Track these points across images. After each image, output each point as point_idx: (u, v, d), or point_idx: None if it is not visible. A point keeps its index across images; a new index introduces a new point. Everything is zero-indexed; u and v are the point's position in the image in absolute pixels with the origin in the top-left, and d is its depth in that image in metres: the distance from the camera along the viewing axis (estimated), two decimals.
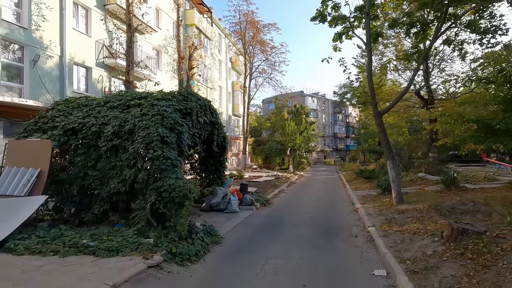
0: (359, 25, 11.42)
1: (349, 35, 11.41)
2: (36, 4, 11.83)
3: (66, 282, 3.60)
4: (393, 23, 10.83)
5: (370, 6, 10.07)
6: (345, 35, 11.38)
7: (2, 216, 5.20)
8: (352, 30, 11.26)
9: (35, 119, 7.64)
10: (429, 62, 17.34)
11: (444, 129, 12.27)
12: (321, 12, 10.55)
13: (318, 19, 10.75)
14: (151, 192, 5.85)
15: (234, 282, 4.19)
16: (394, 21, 10.82)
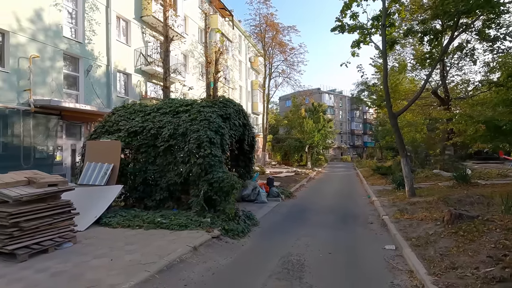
0: (376, 32, 12.41)
1: (367, 41, 12.43)
2: (88, 21, 13.58)
3: (161, 243, 5.09)
4: (407, 31, 11.72)
5: (386, 18, 11.06)
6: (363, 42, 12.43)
7: (94, 200, 6.81)
8: (369, 36, 12.27)
9: (102, 123, 9.31)
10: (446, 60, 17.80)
11: (457, 128, 13.04)
12: (340, 24, 11.61)
13: (338, 30, 11.84)
14: (203, 183, 7.30)
15: (277, 249, 5.54)
16: (409, 30, 11.70)
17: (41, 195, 4.74)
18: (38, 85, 11.19)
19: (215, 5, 25.81)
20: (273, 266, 4.68)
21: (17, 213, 4.38)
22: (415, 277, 4.26)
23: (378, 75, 22.25)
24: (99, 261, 4.29)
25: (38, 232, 4.66)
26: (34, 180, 4.84)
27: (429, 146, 20.62)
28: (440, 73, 17.86)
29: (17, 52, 10.62)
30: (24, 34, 10.81)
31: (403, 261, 5.00)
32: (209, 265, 4.58)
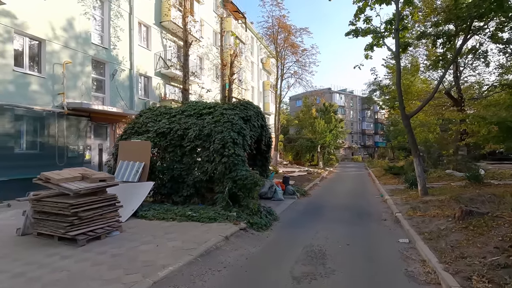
0: (389, 35, 12.76)
1: (380, 44, 12.79)
2: (113, 28, 14.41)
3: (196, 233, 5.71)
4: (420, 35, 12.03)
5: (399, 22, 11.41)
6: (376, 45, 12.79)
7: (130, 195, 7.49)
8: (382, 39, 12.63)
9: (132, 124, 10.06)
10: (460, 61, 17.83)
11: (471, 129, 13.25)
12: (354, 29, 12.02)
13: (352, 34, 12.25)
14: (228, 180, 7.91)
15: (299, 241, 6.07)
16: (422, 33, 12.01)
17: (94, 189, 5.42)
18: (70, 89, 12.05)
19: (229, 8, 26.45)
20: (298, 254, 5.22)
21: (77, 204, 5.07)
22: (427, 265, 4.72)
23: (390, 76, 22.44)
24: (147, 247, 4.94)
25: (92, 221, 5.35)
26: (87, 176, 5.54)
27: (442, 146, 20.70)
28: (454, 74, 17.94)
29: (52, 59, 11.49)
30: (58, 41, 11.67)
31: (416, 252, 5.46)
32: (241, 252, 5.16)
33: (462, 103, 16.81)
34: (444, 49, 12.12)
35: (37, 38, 11.06)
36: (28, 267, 4.02)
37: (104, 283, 3.56)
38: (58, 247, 4.87)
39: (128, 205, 7.21)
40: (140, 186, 7.96)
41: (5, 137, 9.87)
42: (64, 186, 5.07)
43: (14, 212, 7.67)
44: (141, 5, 15.98)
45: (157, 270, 3.95)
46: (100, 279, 3.67)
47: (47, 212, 5.26)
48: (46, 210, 5.25)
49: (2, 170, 9.70)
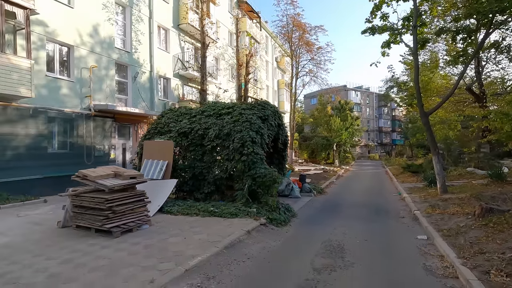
0: (407, 31, 12.63)
1: (397, 41, 12.71)
2: (135, 32, 15.03)
3: (220, 227, 6.05)
4: (439, 31, 11.84)
5: (417, 18, 11.30)
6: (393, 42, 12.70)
7: (156, 192, 7.93)
8: (400, 36, 12.53)
9: (155, 125, 10.55)
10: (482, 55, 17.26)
11: (493, 126, 12.91)
12: (371, 27, 12.01)
13: (368, 32, 12.24)
14: (247, 178, 8.21)
15: (318, 236, 6.29)
16: (441, 29, 11.82)
17: (126, 185, 5.86)
18: (95, 91, 12.72)
19: (244, 8, 26.74)
20: (317, 248, 5.45)
21: (111, 199, 5.52)
22: (445, 260, 4.83)
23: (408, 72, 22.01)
24: (175, 239, 5.31)
25: (124, 215, 5.78)
26: (119, 173, 5.99)
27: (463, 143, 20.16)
28: (475, 69, 17.40)
29: (79, 64, 12.18)
30: (85, 47, 12.35)
31: (434, 248, 5.55)
32: (263, 245, 5.45)
33: (484, 99, 16.32)
34: (464, 45, 11.87)
35: (66, 44, 11.76)
36: (74, 255, 4.47)
37: (143, 270, 3.94)
38: (96, 238, 5.33)
39: (154, 201, 7.64)
40: (164, 183, 8.40)
41: (40, 137, 10.61)
42: (100, 183, 5.53)
43: (51, 207, 8.30)
44: (160, 9, 16.54)
45: (187, 260, 4.29)
46: (138, 266, 4.06)
47: (85, 206, 5.75)
48: (84, 204, 5.73)
49: (37, 169, 10.45)
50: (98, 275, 3.77)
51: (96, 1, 12.81)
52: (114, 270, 3.93)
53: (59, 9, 11.31)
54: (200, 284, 3.70)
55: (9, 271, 3.89)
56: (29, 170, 10.15)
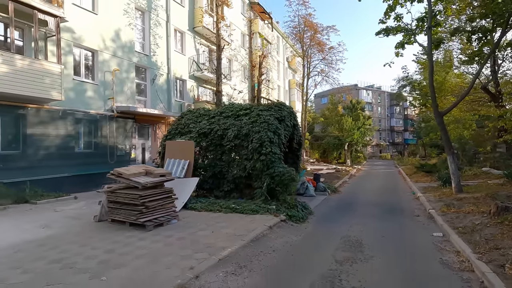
0: (421, 31, 12.71)
1: (411, 41, 12.81)
2: (153, 36, 15.59)
3: (243, 223, 6.43)
4: (454, 31, 11.90)
5: (432, 19, 11.39)
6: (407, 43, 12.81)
7: (180, 189, 8.36)
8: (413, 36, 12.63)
9: (175, 125, 11.02)
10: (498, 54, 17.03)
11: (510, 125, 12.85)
12: (385, 28, 12.16)
13: (382, 33, 12.39)
14: (266, 176, 8.57)
15: (336, 232, 6.59)
16: (456, 29, 11.88)
17: (157, 183, 6.31)
18: (117, 93, 13.31)
19: (256, 9, 27.09)
20: (337, 243, 5.76)
21: (144, 195, 5.97)
22: (461, 255, 5.06)
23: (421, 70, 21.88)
24: (204, 232, 5.72)
25: (155, 210, 6.23)
26: (150, 172, 6.44)
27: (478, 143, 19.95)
28: (491, 68, 17.23)
29: (103, 67, 12.79)
30: (108, 51, 12.96)
31: (450, 244, 5.77)
32: (285, 240, 5.80)
33: (500, 98, 16.16)
34: (480, 44, 11.88)
35: (91, 49, 12.38)
36: (116, 245, 4.93)
37: (181, 258, 4.35)
38: (131, 231, 5.79)
39: (178, 197, 8.08)
40: (187, 181, 8.84)
41: (68, 138, 11.25)
42: (134, 180, 5.99)
43: (83, 203, 8.87)
44: (176, 13, 17.06)
45: (219, 251, 4.68)
46: (176, 255, 4.47)
47: (120, 202, 6.22)
48: (119, 200, 6.21)
49: (66, 167, 11.09)
50: (142, 262, 4.20)
51: (118, 7, 13.40)
52: (155, 258, 4.35)
53: (84, 16, 11.93)
54: (234, 271, 4.08)
55: (64, 257, 4.36)
56: (59, 169, 10.80)
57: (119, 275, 3.77)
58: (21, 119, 9.93)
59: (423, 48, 14.29)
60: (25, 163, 9.87)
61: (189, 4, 18.17)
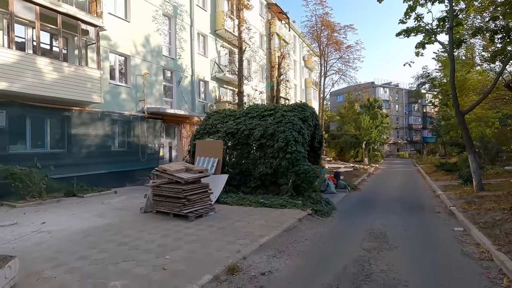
0: (442, 31, 12.84)
1: (431, 40, 12.98)
2: (178, 40, 16.42)
3: (274, 215, 7.03)
4: (476, 31, 11.95)
5: (453, 19, 11.52)
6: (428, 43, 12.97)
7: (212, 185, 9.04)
8: (434, 36, 12.78)
9: (203, 126, 11.76)
10: None
11: None
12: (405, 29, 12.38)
13: (403, 34, 12.62)
14: (291, 174, 9.13)
15: (360, 225, 7.07)
16: (478, 29, 11.93)
17: (196, 178, 7.00)
18: (147, 95, 14.21)
19: (273, 10, 27.54)
20: (362, 234, 6.25)
21: (187, 189, 6.67)
22: (481, 247, 5.44)
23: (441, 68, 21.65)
24: (241, 223, 6.36)
25: (195, 203, 6.93)
26: (190, 168, 7.15)
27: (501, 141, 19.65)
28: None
29: (135, 71, 13.70)
30: (139, 56, 13.86)
31: (470, 238, 6.14)
32: (314, 231, 6.35)
33: None
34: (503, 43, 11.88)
35: (124, 54, 13.31)
36: (167, 232, 5.65)
37: (227, 243, 5.00)
38: (176, 221, 6.51)
39: None
40: (218, 178, 9.51)
41: (105, 137, 12.22)
42: (177, 176, 6.70)
43: (124, 197, 9.75)
44: (199, 17, 17.83)
45: (258, 238, 5.30)
46: (222, 241, 5.12)
47: (164, 195, 6.96)
48: (164, 193, 6.95)
49: (104, 165, 12.06)
50: (195, 246, 4.88)
51: (147, 14, 14.27)
52: (205, 243, 5.02)
53: (118, 24, 12.84)
54: (274, 255, 4.68)
55: (128, 241, 5.11)
56: (98, 166, 11.77)
57: (179, 255, 4.45)
58: (66, 121, 10.92)
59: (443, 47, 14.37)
60: (70, 160, 10.87)
61: (211, 8, 18.90)
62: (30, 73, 8.96)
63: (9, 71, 8.48)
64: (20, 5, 8.95)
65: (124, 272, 3.85)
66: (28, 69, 8.94)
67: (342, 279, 3.95)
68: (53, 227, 5.93)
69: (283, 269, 4.21)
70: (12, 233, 5.49)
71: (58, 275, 3.72)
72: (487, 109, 18.58)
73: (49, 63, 9.53)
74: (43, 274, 3.74)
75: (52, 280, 3.60)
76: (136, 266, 4.04)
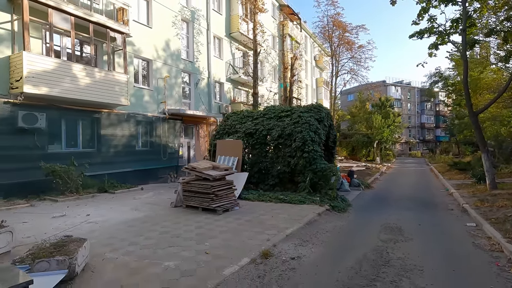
0: (455, 32, 13.05)
1: (445, 41, 13.21)
2: (196, 44, 17.09)
3: (294, 210, 7.55)
4: (490, 31, 12.13)
5: (466, 21, 11.74)
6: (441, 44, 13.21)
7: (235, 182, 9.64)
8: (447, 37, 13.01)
9: (223, 126, 12.38)
10: None
11: None
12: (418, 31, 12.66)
13: (416, 36, 12.89)
14: (308, 172, 9.62)
15: (376, 220, 7.51)
16: (491, 30, 12.11)
17: (222, 175, 7.59)
18: (168, 97, 14.93)
19: (285, 11, 27.97)
20: (378, 228, 6.71)
21: (215, 186, 7.27)
22: (492, 240, 5.83)
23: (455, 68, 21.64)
24: (265, 217, 6.91)
25: (222, 198, 7.52)
26: (216, 166, 7.74)
27: None
28: None
29: (156, 75, 14.43)
30: (160, 60, 14.58)
31: (482, 232, 6.51)
32: (333, 224, 6.85)
33: None
34: None
35: (147, 59, 14.05)
36: (200, 223, 6.25)
37: (256, 233, 5.55)
38: (205, 214, 7.11)
39: None
40: (239, 175, 10.09)
41: (130, 137, 12.98)
42: (206, 173, 7.31)
43: (151, 193, 10.44)
44: (215, 20, 18.47)
45: (283, 230, 5.84)
46: (251, 231, 5.69)
47: (193, 191, 7.58)
48: (193, 189, 7.57)
49: (129, 163, 12.82)
50: (228, 235, 5.46)
51: (167, 20, 14.98)
52: (236, 233, 5.59)
53: (142, 30, 13.58)
54: (300, 244, 5.22)
55: (168, 230, 5.73)
56: (124, 164, 12.54)
57: (216, 242, 5.04)
58: (95, 122, 11.71)
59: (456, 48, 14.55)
60: (99, 159, 11.65)
61: (226, 12, 19.51)
62: (67, 79, 9.75)
63: (49, 78, 9.27)
64: (58, 17, 9.73)
65: (172, 255, 4.45)
66: (65, 75, 9.72)
67: (363, 264, 4.45)
68: (98, 219, 6.63)
69: (309, 255, 4.74)
70: (65, 223, 6.20)
71: (118, 256, 4.36)
72: (502, 108, 18.54)
73: (82, 69, 10.31)
74: (105, 256, 4.38)
75: (115, 260, 4.23)
76: (181, 250, 4.64)
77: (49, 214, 6.97)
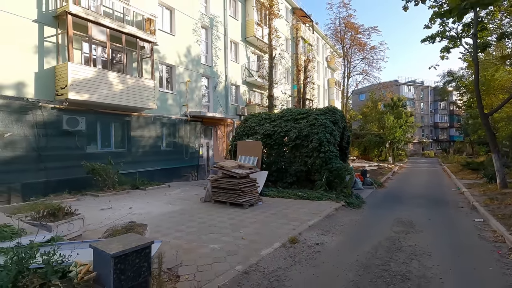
0: (467, 35, 13.46)
1: (456, 44, 13.64)
2: (214, 49, 17.98)
3: (313, 206, 8.28)
4: (501, 35, 12.50)
5: (477, 25, 12.16)
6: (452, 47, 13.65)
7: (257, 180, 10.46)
8: (459, 40, 13.43)
9: (242, 128, 13.20)
10: None
11: None
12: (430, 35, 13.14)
13: (428, 40, 13.36)
14: (324, 171, 10.32)
15: (389, 215, 8.15)
16: (502, 34, 12.47)
17: (247, 173, 8.39)
18: (189, 100, 15.86)
19: (298, 14, 28.59)
20: (391, 221, 7.36)
21: (241, 183, 8.08)
22: (497, 233, 6.41)
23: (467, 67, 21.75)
24: (288, 211, 7.67)
25: (247, 194, 8.32)
26: (242, 165, 8.55)
27: None
28: None
29: (179, 79, 15.38)
30: (182, 66, 15.52)
31: (488, 227, 7.08)
32: (350, 218, 7.54)
33: None
34: None
35: (170, 65, 15.01)
36: (230, 216, 7.06)
37: (282, 224, 6.32)
38: (233, 208, 7.93)
39: None
40: (260, 174, 10.86)
41: (156, 138, 13.96)
42: (233, 171, 8.12)
43: (179, 190, 11.36)
44: (231, 26, 19.32)
45: (305, 222, 6.58)
46: (277, 222, 6.46)
47: (222, 187, 8.41)
48: (221, 186, 8.40)
49: (155, 162, 13.81)
50: (257, 225, 6.25)
51: (188, 27, 15.91)
52: (264, 223, 6.37)
53: (166, 38, 14.55)
54: (322, 233, 5.95)
55: (204, 221, 6.56)
56: (151, 163, 13.53)
57: (249, 231, 5.83)
58: (126, 124, 12.73)
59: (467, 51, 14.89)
60: (129, 158, 12.66)
61: (241, 17, 20.33)
62: (104, 86, 10.76)
63: (89, 85, 10.29)
64: (96, 29, 10.75)
65: (214, 239, 5.27)
66: (102, 82, 10.73)
67: (378, 249, 5.15)
68: (140, 211, 7.53)
69: (331, 242, 5.48)
70: (113, 214, 7.13)
71: (170, 240, 5.21)
72: None
73: (116, 76, 11.31)
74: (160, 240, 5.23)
75: (168, 243, 5.07)
76: (221, 236, 5.46)
77: (97, 207, 7.93)
